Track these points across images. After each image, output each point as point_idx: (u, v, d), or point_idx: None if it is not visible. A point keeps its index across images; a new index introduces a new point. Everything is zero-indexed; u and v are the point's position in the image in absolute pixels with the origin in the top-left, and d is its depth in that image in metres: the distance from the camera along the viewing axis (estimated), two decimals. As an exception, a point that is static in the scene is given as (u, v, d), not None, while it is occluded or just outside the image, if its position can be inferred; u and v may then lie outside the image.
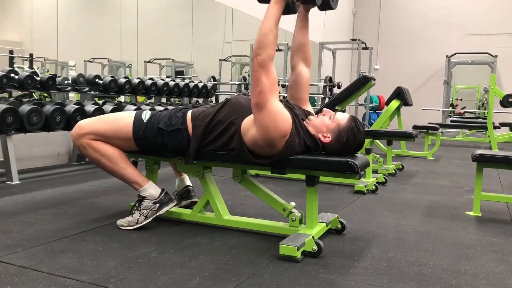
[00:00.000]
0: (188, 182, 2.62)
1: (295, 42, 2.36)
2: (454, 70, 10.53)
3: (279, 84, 6.84)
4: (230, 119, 2.09)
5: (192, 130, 2.15)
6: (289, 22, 2.50)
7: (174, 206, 2.31)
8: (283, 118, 1.96)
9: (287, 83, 6.64)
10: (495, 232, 2.43)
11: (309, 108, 2.33)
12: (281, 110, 1.98)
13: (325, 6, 2.25)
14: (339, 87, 6.61)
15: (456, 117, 9.52)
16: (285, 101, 2.18)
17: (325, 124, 2.07)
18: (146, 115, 2.23)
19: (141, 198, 2.22)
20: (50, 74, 4.23)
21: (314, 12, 2.37)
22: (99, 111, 3.69)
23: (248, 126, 2.02)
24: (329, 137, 2.05)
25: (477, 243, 2.22)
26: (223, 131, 2.10)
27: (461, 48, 10.13)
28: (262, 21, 1.99)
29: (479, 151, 2.74)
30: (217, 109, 2.15)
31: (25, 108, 3.25)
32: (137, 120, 2.21)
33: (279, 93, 6.67)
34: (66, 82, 4.20)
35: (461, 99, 11.01)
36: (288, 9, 2.19)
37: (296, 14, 2.32)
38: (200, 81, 5.76)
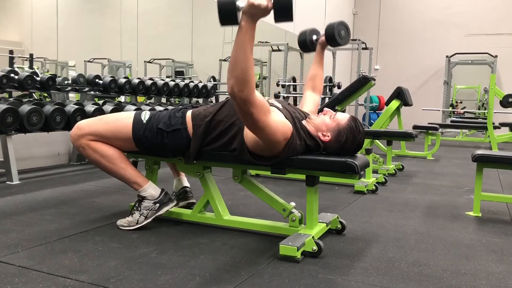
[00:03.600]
0: (186, 183, 2.62)
1: (310, 72, 2.68)
2: (454, 70, 10.54)
3: (278, 85, 6.86)
4: (231, 120, 2.08)
5: (192, 130, 2.15)
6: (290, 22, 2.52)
7: (174, 206, 2.31)
8: (283, 128, 1.95)
9: (286, 83, 6.67)
10: (495, 232, 2.43)
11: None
12: (278, 122, 1.94)
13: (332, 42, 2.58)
14: (339, 87, 6.62)
15: (456, 117, 9.53)
16: (284, 103, 2.18)
17: (325, 123, 2.08)
18: (145, 115, 2.23)
19: (141, 198, 2.22)
20: (50, 74, 4.23)
21: (314, 12, 2.37)
22: (99, 111, 3.69)
23: None
24: (328, 136, 2.06)
25: (477, 243, 2.22)
26: (224, 131, 2.10)
27: (461, 48, 10.13)
28: (234, 50, 1.71)
29: (479, 151, 2.74)
30: (218, 109, 2.15)
31: (25, 108, 3.25)
32: (137, 120, 2.21)
33: (279, 92, 6.67)
34: (66, 82, 4.20)
35: (460, 102, 11.00)
36: (307, 48, 2.60)
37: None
38: (200, 81, 5.76)
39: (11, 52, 4.28)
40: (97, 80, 4.28)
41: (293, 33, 8.39)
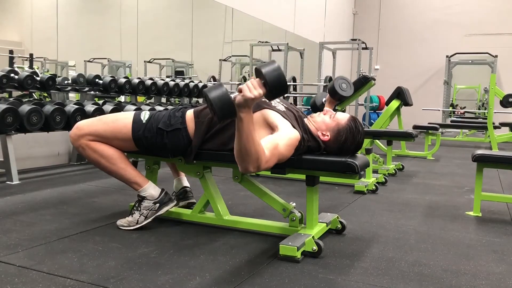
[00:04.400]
0: (186, 183, 2.62)
1: None
2: (454, 70, 10.54)
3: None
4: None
5: (195, 127, 2.15)
6: (288, 21, 2.51)
7: (174, 206, 2.31)
8: (296, 142, 1.96)
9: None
10: (495, 232, 2.43)
11: None
12: (292, 140, 1.94)
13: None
14: (339, 87, 6.60)
15: (456, 117, 9.53)
16: (287, 103, 2.18)
17: (325, 122, 2.08)
18: (145, 115, 2.23)
19: (141, 198, 2.22)
20: (50, 74, 4.23)
21: (314, 12, 2.37)
22: (99, 111, 3.69)
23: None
24: (328, 136, 2.06)
25: (477, 243, 2.21)
26: (224, 128, 2.10)
27: (461, 48, 10.13)
28: (242, 141, 1.70)
29: (479, 151, 2.74)
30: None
31: (25, 108, 3.25)
32: (136, 120, 2.21)
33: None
34: (66, 82, 4.20)
35: (458, 105, 10.97)
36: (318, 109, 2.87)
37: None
38: (200, 81, 5.76)
39: (11, 52, 4.28)
40: (97, 80, 4.28)
41: (293, 33, 8.39)
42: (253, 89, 1.62)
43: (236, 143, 1.74)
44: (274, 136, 1.91)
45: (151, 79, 4.91)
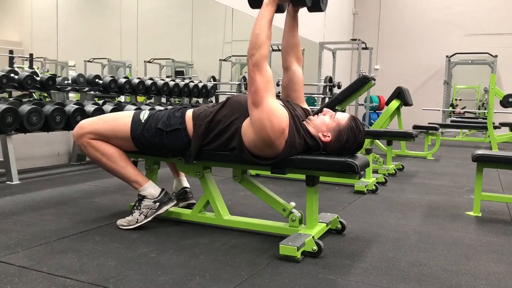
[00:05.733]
0: (185, 183, 2.62)
1: (286, 42, 2.42)
2: (454, 70, 10.54)
3: (278, 85, 6.85)
4: (230, 119, 2.08)
5: (193, 129, 2.15)
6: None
7: (174, 206, 2.31)
8: (279, 115, 1.96)
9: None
10: (495, 232, 2.43)
11: (305, 106, 2.34)
12: (276, 107, 1.98)
13: (314, 8, 2.27)
14: (339, 87, 6.61)
15: (456, 117, 9.53)
16: (286, 101, 2.18)
17: (326, 123, 2.08)
18: (144, 115, 2.23)
19: (141, 198, 2.22)
20: (50, 74, 4.23)
21: (314, 12, 2.37)
22: (99, 111, 3.69)
23: (248, 127, 2.02)
24: (329, 136, 2.05)
25: (477, 243, 2.21)
26: (223, 130, 2.10)
27: (461, 48, 10.13)
28: (255, 22, 2.02)
29: (479, 151, 2.74)
30: (218, 108, 2.15)
31: (25, 108, 3.25)
32: (135, 120, 2.21)
33: (279, 92, 6.67)
34: (66, 82, 4.19)
35: (460, 99, 11.00)
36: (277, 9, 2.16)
37: (285, 13, 2.33)
38: (200, 81, 5.76)
39: (11, 52, 4.28)
40: (97, 80, 4.28)
41: (293, 33, 8.37)
42: None
43: (255, 24, 2.00)
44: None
45: (151, 79, 4.91)
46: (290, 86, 2.39)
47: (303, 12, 2.39)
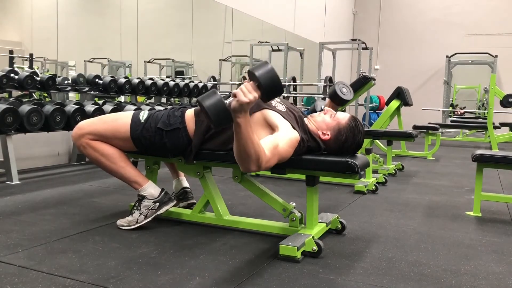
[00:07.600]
0: (185, 183, 2.62)
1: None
2: (454, 70, 10.54)
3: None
4: None
5: (195, 126, 2.15)
6: (288, 21, 2.51)
7: (173, 206, 2.31)
8: (296, 142, 1.96)
9: (286, 83, 6.67)
10: (495, 232, 2.43)
11: None
12: (291, 140, 1.94)
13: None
14: (339, 87, 6.60)
15: (456, 117, 9.53)
16: (287, 103, 2.18)
17: (326, 122, 2.08)
18: (143, 115, 2.23)
19: (141, 198, 2.22)
20: (50, 74, 4.23)
21: (314, 12, 2.37)
22: (99, 111, 3.69)
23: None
24: (328, 135, 2.06)
25: (477, 243, 2.21)
26: (224, 128, 2.09)
27: (461, 48, 10.13)
28: (241, 145, 1.70)
29: (479, 151, 2.74)
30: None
31: (25, 108, 3.25)
32: (135, 120, 2.21)
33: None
34: (66, 82, 4.19)
35: (457, 105, 10.97)
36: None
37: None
38: (200, 81, 5.76)
39: (11, 52, 4.28)
40: (97, 80, 4.28)
41: (293, 33, 8.39)
42: (247, 93, 1.61)
43: (235, 146, 1.73)
44: (274, 136, 1.91)
45: (151, 79, 4.91)
46: None
47: (303, 12, 2.39)
